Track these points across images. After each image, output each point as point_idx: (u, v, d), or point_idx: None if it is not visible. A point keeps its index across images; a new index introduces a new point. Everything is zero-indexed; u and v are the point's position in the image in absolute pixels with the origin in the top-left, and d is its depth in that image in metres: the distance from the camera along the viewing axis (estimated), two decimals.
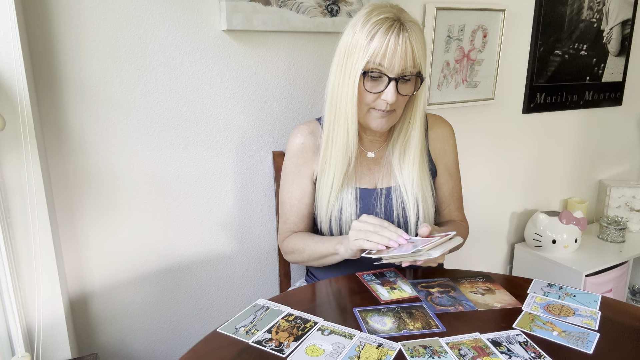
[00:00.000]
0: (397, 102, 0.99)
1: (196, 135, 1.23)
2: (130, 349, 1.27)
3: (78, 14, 1.04)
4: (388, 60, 0.94)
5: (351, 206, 1.07)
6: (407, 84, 0.99)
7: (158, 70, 1.14)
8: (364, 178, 1.11)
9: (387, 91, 0.97)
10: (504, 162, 1.87)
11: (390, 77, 0.96)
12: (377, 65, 0.95)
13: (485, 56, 1.65)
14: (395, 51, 0.93)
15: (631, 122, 2.23)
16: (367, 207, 1.08)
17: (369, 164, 1.12)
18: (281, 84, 1.31)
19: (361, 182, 1.10)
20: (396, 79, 0.96)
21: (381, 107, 0.99)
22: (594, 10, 1.88)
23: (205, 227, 1.30)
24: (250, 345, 0.78)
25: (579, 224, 1.82)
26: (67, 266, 1.14)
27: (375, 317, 0.86)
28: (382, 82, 0.97)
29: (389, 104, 0.98)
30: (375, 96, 0.99)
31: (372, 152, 1.12)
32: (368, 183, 1.11)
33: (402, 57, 0.94)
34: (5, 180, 0.94)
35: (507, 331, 0.81)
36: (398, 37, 0.93)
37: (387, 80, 0.96)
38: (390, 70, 0.95)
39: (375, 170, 1.12)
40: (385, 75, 0.96)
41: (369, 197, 1.09)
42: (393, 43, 0.93)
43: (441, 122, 1.18)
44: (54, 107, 1.06)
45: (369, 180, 1.11)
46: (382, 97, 0.98)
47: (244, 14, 1.16)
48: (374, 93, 0.98)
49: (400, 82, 0.97)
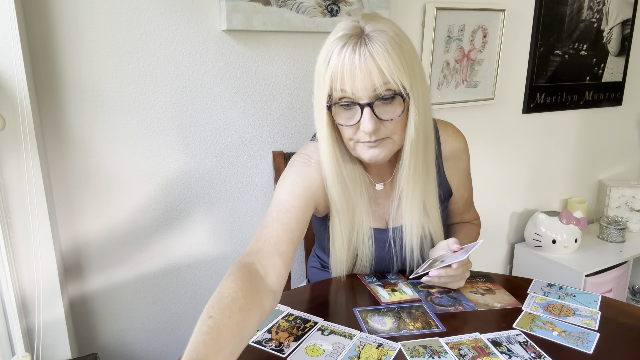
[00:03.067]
0: (385, 128, 0.84)
1: (196, 135, 1.23)
2: (130, 349, 1.27)
3: (78, 14, 1.04)
4: (348, 83, 0.79)
5: (367, 249, 0.97)
6: (390, 105, 0.83)
7: (158, 70, 1.14)
8: (376, 214, 1.00)
9: (362, 120, 0.82)
10: (504, 162, 1.87)
11: (360, 103, 0.81)
12: (339, 92, 0.81)
13: (485, 56, 1.65)
14: (353, 71, 0.79)
15: (631, 122, 2.23)
16: (382, 249, 1.00)
17: (378, 198, 1.00)
18: (281, 84, 1.31)
19: (374, 219, 0.99)
20: (369, 104, 0.81)
21: (364, 138, 0.85)
22: (594, 10, 1.88)
23: (205, 227, 1.30)
24: (250, 345, 0.78)
25: (579, 224, 1.82)
26: (67, 266, 1.14)
27: (375, 317, 0.86)
28: (357, 111, 0.83)
29: (372, 134, 0.83)
30: (354, 128, 0.84)
31: (380, 183, 1.00)
32: (379, 221, 1.00)
33: (365, 76, 0.79)
34: (5, 180, 0.94)
35: (507, 331, 0.81)
36: (354, 54, 0.79)
37: (359, 108, 0.82)
38: (357, 96, 0.81)
39: (385, 205, 1.00)
40: (354, 103, 0.82)
41: (383, 238, 1.00)
42: (349, 62, 0.79)
43: (453, 136, 1.03)
44: (54, 107, 1.06)
45: (380, 217, 1.00)
46: (361, 129, 0.83)
47: (244, 14, 1.16)
48: (352, 125, 0.84)
49: (381, 105, 0.82)
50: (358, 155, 0.89)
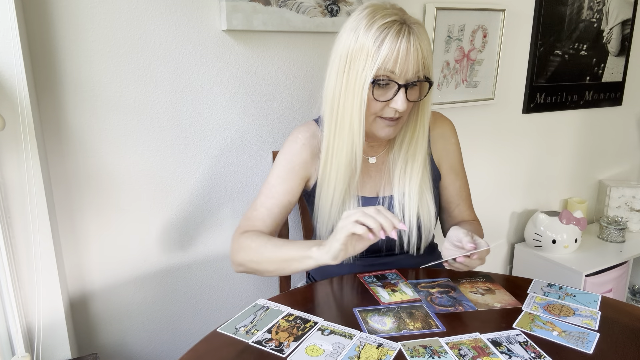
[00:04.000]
0: (406, 109, 0.95)
1: (196, 135, 1.23)
2: (130, 349, 1.27)
3: (78, 14, 1.04)
4: (400, 66, 0.89)
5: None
6: (415, 89, 0.95)
7: (158, 70, 1.14)
8: (366, 185, 1.07)
9: (396, 99, 0.92)
10: (504, 162, 1.87)
11: (400, 83, 0.91)
12: (387, 72, 0.90)
13: (485, 56, 1.65)
14: (407, 56, 0.88)
15: (631, 122, 2.23)
16: None
17: (370, 170, 1.08)
18: (281, 84, 1.31)
19: (363, 189, 1.06)
20: (405, 86, 0.91)
21: (389, 115, 0.95)
22: (594, 10, 1.88)
23: (206, 227, 1.30)
24: (250, 345, 0.78)
25: (579, 224, 1.82)
26: (67, 266, 1.14)
27: (375, 317, 0.86)
28: (391, 90, 0.93)
29: (398, 112, 0.94)
30: (383, 104, 0.94)
31: (373, 157, 1.08)
32: (370, 191, 1.07)
33: (414, 62, 0.89)
34: (5, 180, 0.94)
35: (507, 331, 0.81)
36: (409, 42, 0.88)
37: (397, 88, 0.91)
38: (401, 77, 0.90)
39: (376, 177, 1.08)
40: (394, 82, 0.91)
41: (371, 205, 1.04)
42: (405, 48, 0.88)
43: (441, 120, 1.14)
44: (54, 107, 1.06)
45: (370, 188, 1.07)
46: (392, 105, 0.93)
47: (244, 14, 1.16)
48: (382, 101, 0.93)
49: (409, 88, 0.93)
50: (373, 130, 0.98)
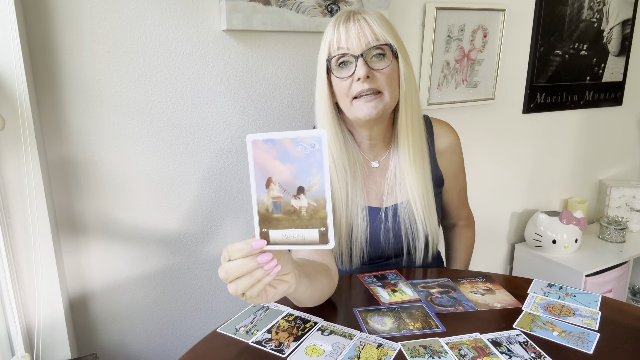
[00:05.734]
0: (377, 79, 0.94)
1: (196, 135, 1.23)
2: (130, 349, 1.27)
3: (78, 14, 1.04)
4: (344, 41, 0.94)
5: (362, 227, 1.03)
6: (382, 59, 0.95)
7: (158, 70, 1.14)
8: (371, 193, 1.07)
9: (357, 68, 0.93)
10: (504, 162, 1.87)
11: (355, 54, 0.94)
12: (338, 49, 0.95)
13: (486, 56, 1.65)
14: (349, 31, 0.94)
15: (631, 122, 2.23)
16: (375, 228, 1.05)
17: (374, 176, 1.07)
18: (281, 84, 1.31)
19: (369, 198, 1.06)
20: (362, 54, 0.93)
21: (359, 88, 0.94)
22: (594, 10, 1.88)
23: (205, 227, 1.30)
24: (250, 345, 0.78)
25: (579, 224, 1.82)
26: (67, 266, 1.14)
27: (375, 317, 0.86)
28: (352, 65, 0.95)
29: (364, 79, 0.93)
30: (349, 81, 0.95)
31: (376, 161, 1.08)
32: (375, 199, 1.07)
33: (359, 33, 0.93)
34: (5, 180, 0.94)
35: (507, 331, 0.81)
36: (349, 20, 0.94)
37: (354, 59, 0.94)
38: (354, 50, 0.94)
39: (381, 184, 1.07)
40: (350, 55, 0.94)
41: (376, 217, 1.05)
42: (344, 26, 0.94)
43: (448, 131, 1.12)
44: (54, 107, 1.06)
45: (375, 196, 1.07)
46: (354, 75, 0.94)
47: (244, 13, 1.16)
48: (347, 78, 0.95)
49: (374, 58, 0.94)
50: (355, 115, 0.97)
